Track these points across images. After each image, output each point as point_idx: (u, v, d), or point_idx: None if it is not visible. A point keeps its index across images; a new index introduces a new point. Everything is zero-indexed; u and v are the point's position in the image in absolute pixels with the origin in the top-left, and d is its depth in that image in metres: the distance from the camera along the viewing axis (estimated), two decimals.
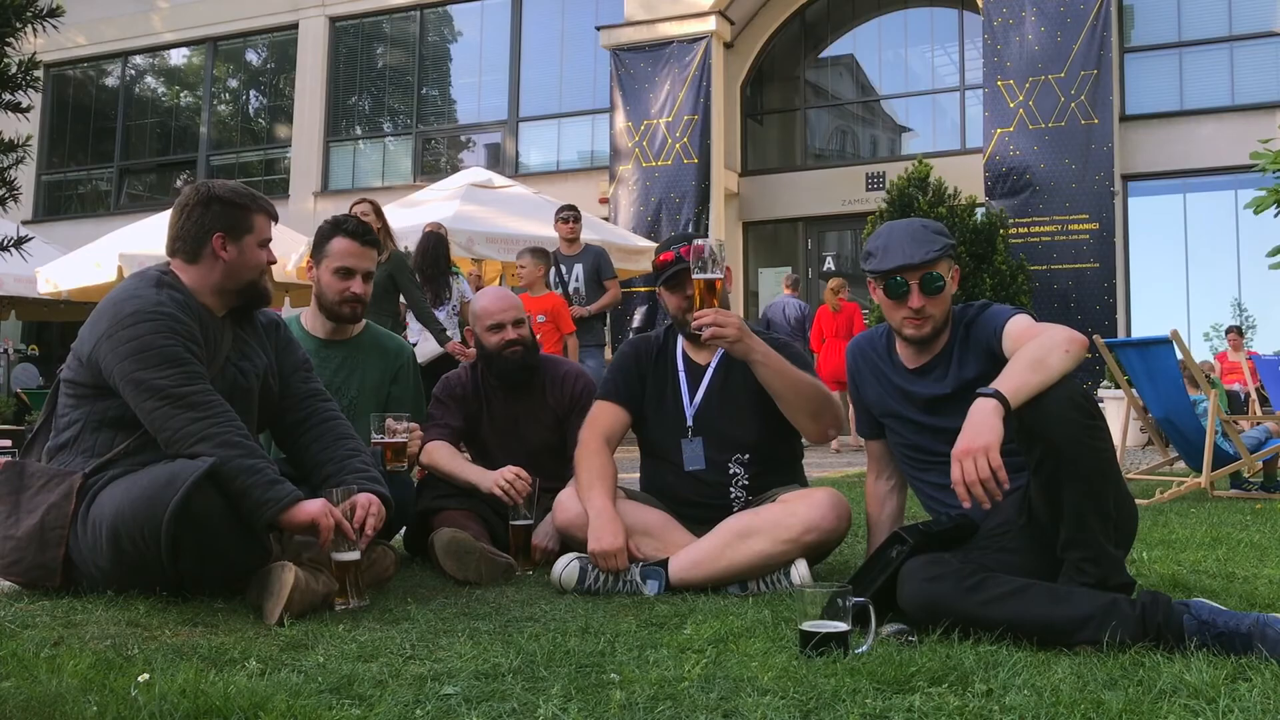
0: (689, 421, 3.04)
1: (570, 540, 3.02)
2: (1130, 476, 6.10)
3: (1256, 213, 8.60)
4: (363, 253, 3.30)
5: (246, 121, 18.84)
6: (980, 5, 12.77)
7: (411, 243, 7.36)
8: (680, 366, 3.13)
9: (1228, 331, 12.21)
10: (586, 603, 2.65)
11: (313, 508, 2.48)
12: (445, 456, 3.40)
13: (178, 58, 19.07)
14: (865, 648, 2.04)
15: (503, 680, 1.87)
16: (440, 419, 3.53)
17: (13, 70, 1.98)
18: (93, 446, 2.63)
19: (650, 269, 5.40)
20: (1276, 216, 8.45)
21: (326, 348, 3.39)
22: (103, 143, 19.11)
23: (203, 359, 2.61)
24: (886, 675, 1.85)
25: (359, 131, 17.54)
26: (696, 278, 2.74)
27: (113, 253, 10.45)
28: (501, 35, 16.29)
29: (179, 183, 18.17)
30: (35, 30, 2.10)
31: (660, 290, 3.13)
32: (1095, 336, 6.24)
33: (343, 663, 1.99)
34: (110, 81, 19.42)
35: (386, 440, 3.08)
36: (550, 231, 10.30)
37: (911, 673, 1.86)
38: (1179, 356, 5.71)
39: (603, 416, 3.11)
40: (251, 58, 18.68)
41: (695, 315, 2.75)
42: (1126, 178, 12.85)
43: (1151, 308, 12.88)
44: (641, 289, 12.98)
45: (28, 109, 2.11)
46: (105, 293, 2.73)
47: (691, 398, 3.07)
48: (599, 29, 14.67)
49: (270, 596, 2.39)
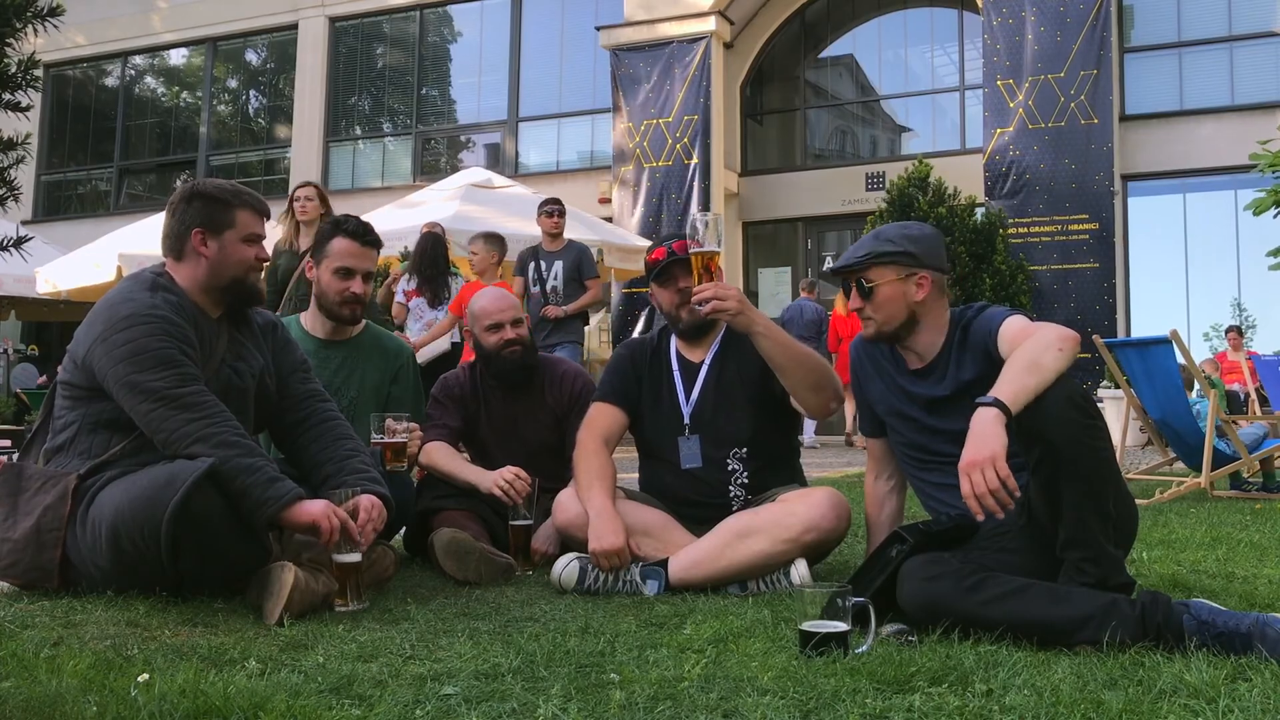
0: (685, 419, 3.05)
1: (570, 540, 3.02)
2: (1130, 476, 6.10)
3: (1256, 214, 8.61)
4: (363, 253, 3.30)
5: (246, 122, 18.85)
6: (980, 5, 12.77)
7: (410, 242, 7.35)
8: (675, 365, 3.13)
9: (1227, 331, 12.21)
10: (586, 603, 2.64)
11: (315, 509, 2.48)
12: (444, 457, 3.39)
13: (177, 58, 19.07)
14: (865, 648, 2.04)
15: (502, 680, 1.86)
16: (438, 419, 3.52)
17: (12, 70, 1.98)
18: (89, 448, 2.62)
19: None
20: (1276, 217, 8.46)
21: (326, 348, 3.39)
22: (102, 143, 19.11)
23: (197, 361, 2.60)
24: (886, 675, 1.85)
25: (359, 131, 17.55)
26: (694, 252, 2.70)
27: (112, 253, 10.47)
28: (501, 35, 16.29)
29: (178, 183, 18.15)
30: (35, 30, 2.10)
31: (652, 288, 3.14)
32: (1095, 336, 6.25)
33: (342, 663, 1.99)
34: (110, 81, 19.42)
35: (386, 440, 3.08)
36: None
37: (911, 673, 1.86)
38: (1178, 357, 5.71)
39: (600, 417, 3.11)
40: (251, 58, 18.69)
41: (695, 290, 2.70)
42: (1126, 178, 12.85)
43: (1151, 308, 12.88)
44: (644, 290, 12.99)
45: (27, 108, 2.11)
46: (105, 293, 2.73)
47: (687, 396, 3.07)
48: (599, 29, 14.67)
49: (270, 596, 2.39)
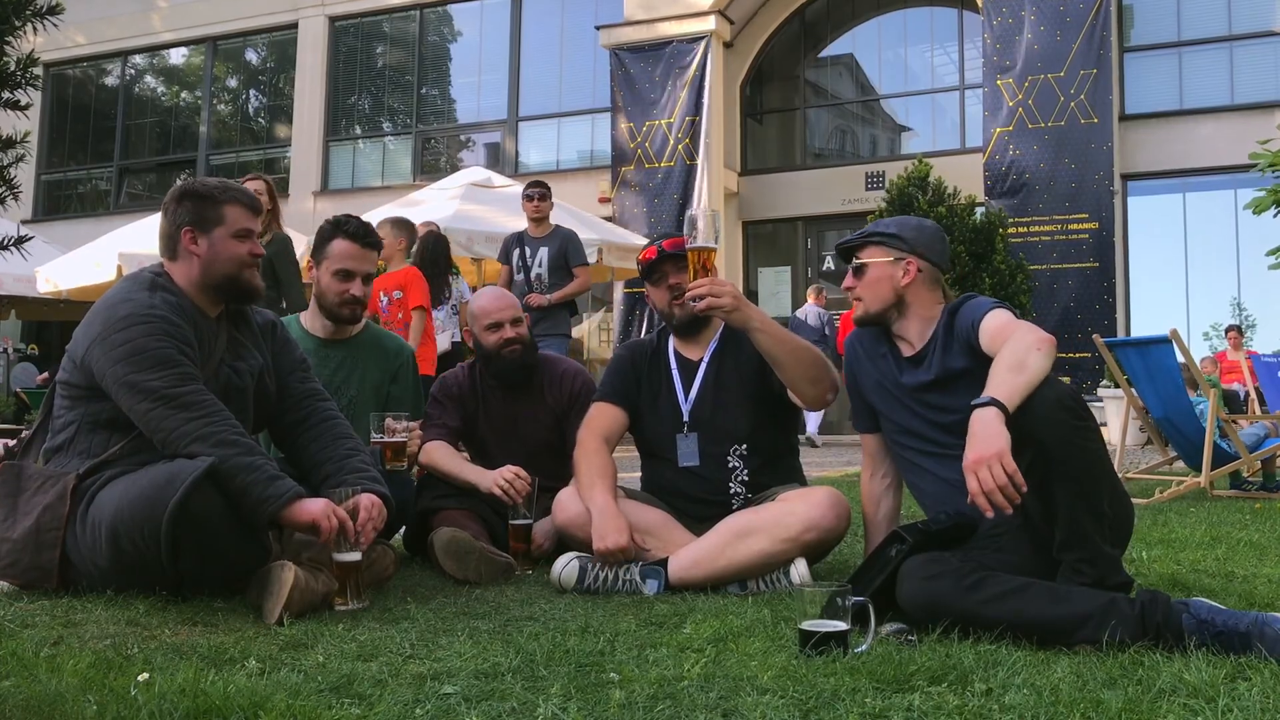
0: (685, 417, 3.06)
1: (570, 539, 3.02)
2: (1129, 476, 6.10)
3: (1256, 213, 8.60)
4: (363, 255, 3.30)
5: (246, 121, 18.85)
6: (980, 5, 12.77)
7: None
8: (673, 364, 3.14)
9: (1228, 331, 12.20)
10: (586, 602, 2.64)
11: (315, 508, 2.48)
12: (444, 456, 3.39)
13: (177, 57, 19.07)
14: (865, 647, 2.04)
15: (502, 679, 1.86)
16: (438, 419, 3.52)
17: (12, 68, 1.98)
18: (88, 448, 2.62)
19: None
20: (1276, 216, 8.46)
21: (326, 347, 3.39)
22: (102, 142, 19.10)
23: (196, 360, 2.60)
24: (886, 674, 1.85)
25: (358, 131, 17.55)
26: (690, 248, 2.68)
27: (112, 252, 10.45)
28: (501, 35, 16.29)
29: (178, 181, 18.14)
30: (34, 28, 2.10)
31: (646, 287, 3.15)
32: (1095, 336, 6.25)
33: (342, 662, 1.99)
34: (110, 81, 19.42)
35: (386, 440, 3.08)
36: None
37: (911, 672, 1.86)
38: (1179, 356, 5.71)
39: (600, 417, 3.12)
40: (251, 57, 18.68)
41: (690, 286, 2.68)
42: (1126, 177, 12.86)
43: (1151, 307, 12.89)
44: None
45: (26, 107, 2.11)
46: (104, 292, 2.73)
47: (686, 394, 3.08)
48: (598, 28, 14.68)
49: (270, 596, 2.39)
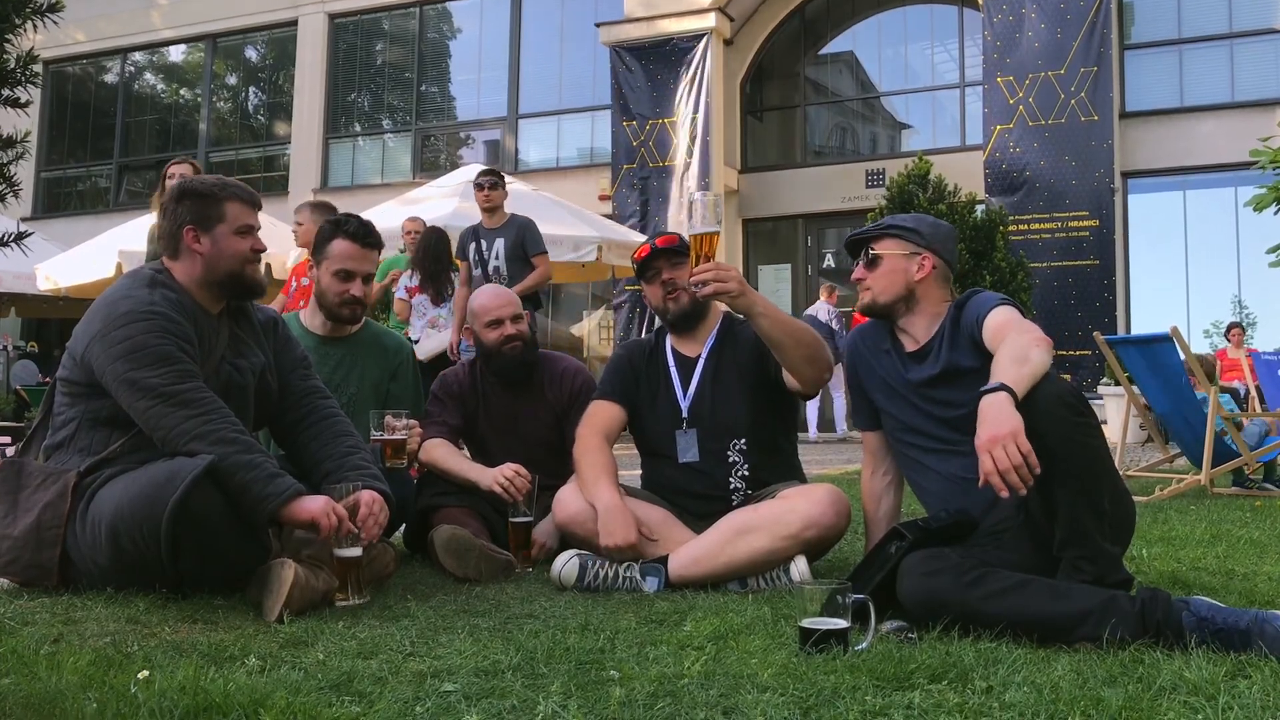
0: (684, 413, 3.07)
1: (570, 537, 3.02)
2: (1130, 474, 6.10)
3: (1257, 210, 8.59)
4: (364, 255, 3.30)
5: (246, 118, 18.83)
6: (980, 2, 12.76)
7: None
8: (671, 362, 3.15)
9: (1230, 328, 12.18)
10: (586, 600, 2.65)
11: (314, 506, 2.48)
12: (444, 454, 3.40)
13: (177, 54, 19.05)
14: (865, 645, 2.04)
15: (502, 677, 1.86)
16: (438, 417, 3.52)
17: (11, 66, 1.98)
18: (89, 445, 2.62)
19: None
20: (1277, 214, 8.44)
21: (326, 345, 3.39)
22: (102, 139, 19.09)
23: (196, 358, 2.60)
24: (886, 672, 1.85)
25: (358, 128, 17.54)
26: (692, 233, 2.64)
27: (112, 249, 10.45)
28: (501, 32, 16.27)
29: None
30: (34, 25, 2.09)
31: (642, 285, 3.18)
32: (1096, 334, 6.25)
33: (342, 660, 1.99)
34: (109, 78, 19.40)
35: (386, 437, 3.08)
36: (550, 229, 10.29)
37: (911, 670, 1.86)
38: (1180, 354, 5.70)
39: (599, 414, 3.13)
40: (251, 54, 18.67)
41: (694, 272, 2.63)
42: (1126, 175, 12.85)
43: (1151, 305, 12.87)
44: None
45: (26, 104, 2.10)
46: (104, 289, 2.73)
47: (684, 390, 3.10)
48: (598, 25, 14.66)
49: (270, 594, 2.39)
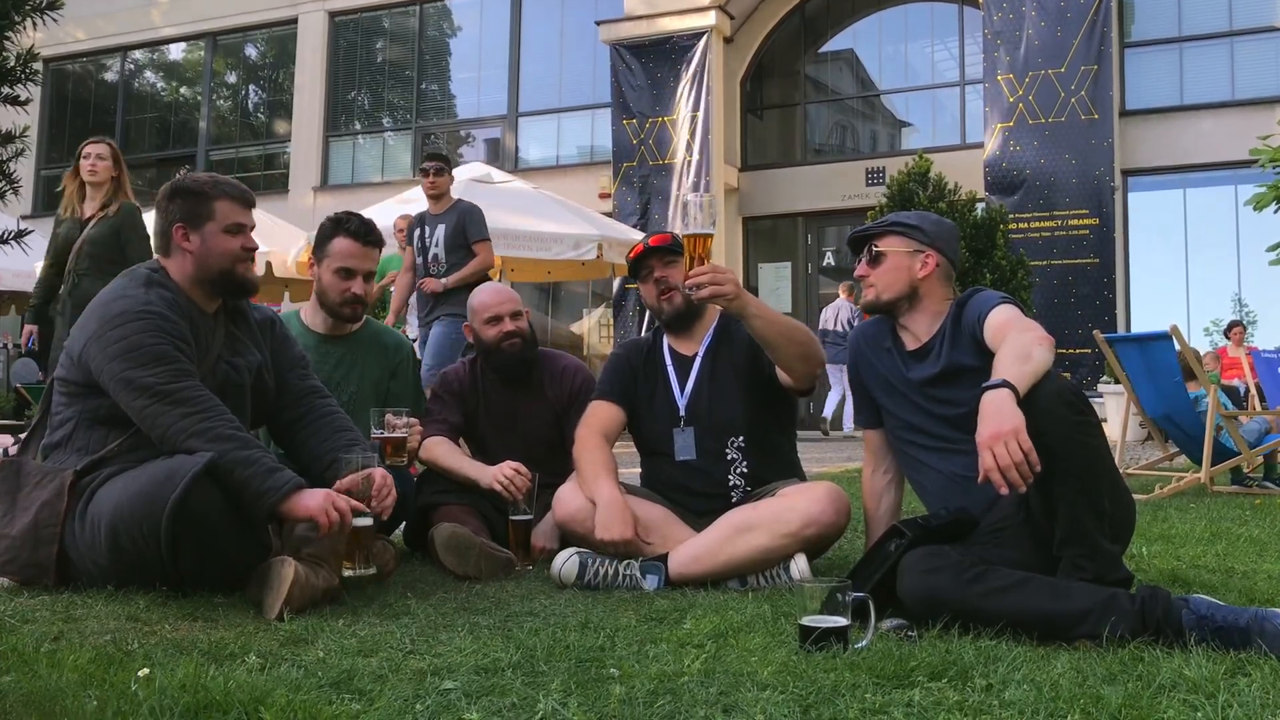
0: (681, 412, 3.08)
1: (570, 535, 3.02)
2: (1129, 472, 6.10)
3: (1257, 209, 8.60)
4: (364, 253, 3.29)
5: (246, 116, 18.83)
6: (980, 0, 12.75)
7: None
8: (668, 361, 3.16)
9: (1231, 326, 12.18)
10: (586, 598, 2.65)
11: (313, 502, 2.47)
12: (445, 452, 3.40)
13: (177, 52, 19.05)
14: (865, 643, 2.04)
15: (502, 675, 1.86)
16: (439, 414, 3.53)
17: (11, 63, 1.97)
18: (87, 444, 2.62)
19: None
20: (1277, 212, 8.45)
21: (326, 343, 3.38)
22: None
23: (192, 357, 2.59)
24: (886, 670, 1.85)
25: (358, 126, 17.53)
26: (686, 234, 2.61)
27: None
28: (501, 30, 16.27)
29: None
30: (34, 23, 2.09)
31: (638, 285, 3.20)
32: (1095, 332, 6.25)
33: (343, 657, 1.99)
34: (109, 76, 19.40)
35: (386, 435, 3.08)
36: (551, 227, 10.33)
37: (911, 667, 1.86)
38: (1179, 352, 5.71)
39: (598, 413, 3.14)
40: (251, 52, 18.66)
41: (690, 275, 2.59)
42: (1126, 173, 12.85)
43: (1151, 303, 12.88)
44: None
45: (26, 102, 2.10)
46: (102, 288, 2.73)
47: (682, 389, 3.11)
48: (599, 24, 14.66)
49: (270, 591, 2.39)
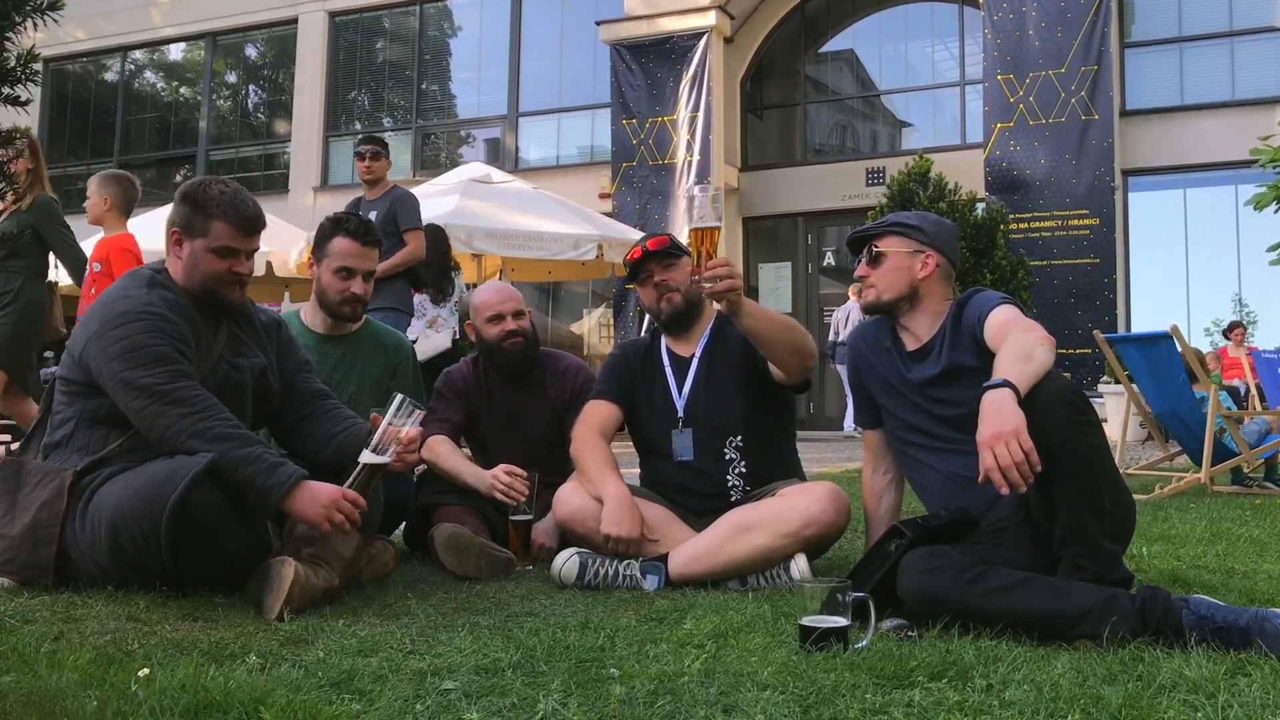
0: (679, 412, 3.09)
1: (570, 534, 3.02)
2: (1129, 472, 6.10)
3: (1257, 209, 8.60)
4: (364, 253, 3.29)
5: (246, 116, 18.83)
6: (980, 0, 12.76)
7: None
8: (666, 362, 3.17)
9: (1232, 327, 12.17)
10: (586, 598, 2.65)
11: (313, 510, 2.46)
12: (446, 452, 3.40)
13: (177, 52, 19.05)
14: (865, 643, 2.04)
15: (502, 675, 1.86)
16: (441, 413, 3.53)
17: (11, 64, 1.97)
18: (87, 444, 2.62)
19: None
20: (1277, 212, 8.45)
21: (326, 343, 3.38)
22: (102, 138, 19.09)
23: (191, 358, 2.59)
24: (886, 670, 1.85)
25: (358, 126, 17.52)
26: (693, 228, 2.60)
27: None
28: (501, 30, 16.27)
29: (178, 178, 18.17)
30: (34, 23, 2.09)
31: (635, 287, 3.21)
32: (1096, 332, 6.25)
33: (343, 657, 1.99)
34: (110, 76, 19.41)
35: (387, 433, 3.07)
36: (551, 227, 10.33)
37: (911, 668, 1.86)
38: (1179, 351, 5.71)
39: (596, 413, 3.15)
40: (251, 52, 18.66)
41: (706, 267, 2.57)
42: (1126, 173, 12.85)
43: (1151, 303, 12.88)
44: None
45: (27, 102, 2.10)
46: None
47: (680, 389, 3.11)
48: (599, 24, 14.66)
49: (270, 591, 2.39)
